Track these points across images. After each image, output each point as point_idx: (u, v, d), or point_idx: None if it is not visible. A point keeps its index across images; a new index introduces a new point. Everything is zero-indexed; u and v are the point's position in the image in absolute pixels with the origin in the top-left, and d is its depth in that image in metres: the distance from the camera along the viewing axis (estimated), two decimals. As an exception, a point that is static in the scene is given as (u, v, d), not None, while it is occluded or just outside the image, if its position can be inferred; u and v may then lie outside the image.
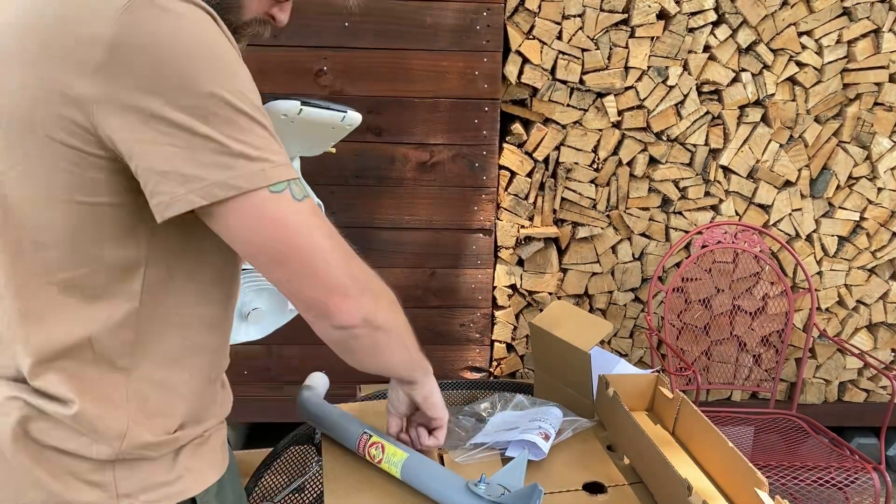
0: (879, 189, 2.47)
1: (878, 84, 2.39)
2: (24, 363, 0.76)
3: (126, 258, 0.75)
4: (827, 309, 2.60)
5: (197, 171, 0.67)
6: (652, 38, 2.29)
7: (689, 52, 2.32)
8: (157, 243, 0.75)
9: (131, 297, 0.76)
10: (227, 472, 0.90)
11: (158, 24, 0.66)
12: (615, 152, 2.41)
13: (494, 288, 2.49)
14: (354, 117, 1.13)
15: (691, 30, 2.30)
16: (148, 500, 0.79)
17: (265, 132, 0.71)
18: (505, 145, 2.37)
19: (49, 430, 0.76)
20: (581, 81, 2.32)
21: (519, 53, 2.28)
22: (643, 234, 2.51)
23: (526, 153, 2.39)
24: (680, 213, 2.49)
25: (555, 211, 2.45)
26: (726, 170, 2.46)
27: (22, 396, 0.76)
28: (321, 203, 1.23)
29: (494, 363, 2.58)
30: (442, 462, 1.16)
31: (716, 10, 2.28)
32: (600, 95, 2.34)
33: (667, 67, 2.32)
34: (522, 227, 2.44)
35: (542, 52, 2.28)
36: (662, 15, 2.29)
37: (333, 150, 1.25)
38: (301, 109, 1.03)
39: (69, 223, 0.72)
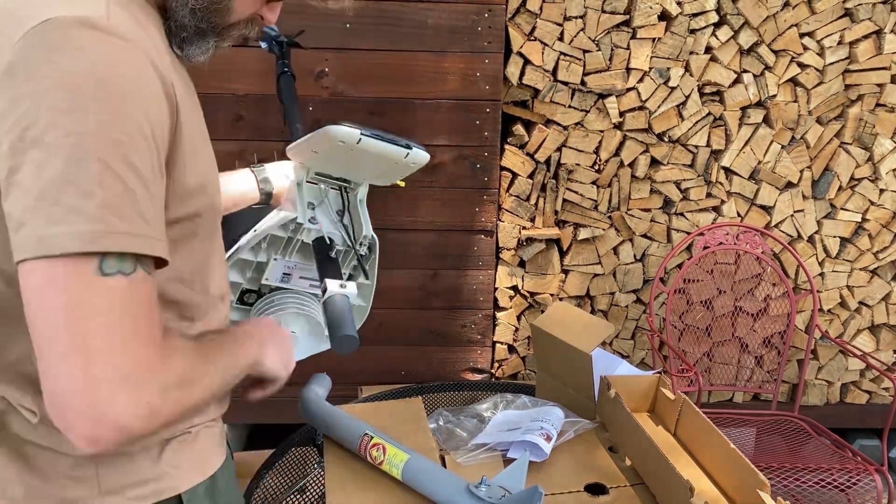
0: (881, 190, 2.47)
1: (879, 85, 2.39)
2: None
3: None
4: (829, 310, 2.60)
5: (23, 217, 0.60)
6: (653, 39, 2.29)
7: (691, 53, 2.32)
8: None
9: None
10: (221, 471, 0.89)
11: (47, 54, 0.61)
12: (617, 153, 2.41)
13: (496, 289, 2.49)
14: (419, 156, 1.05)
15: (693, 31, 2.30)
16: (134, 497, 0.79)
17: (118, 190, 0.61)
18: (506, 147, 2.37)
19: (29, 427, 0.76)
20: (582, 83, 2.32)
21: (520, 55, 2.28)
22: (645, 236, 2.50)
23: (527, 154, 2.39)
24: (682, 214, 2.49)
25: (556, 212, 2.44)
26: (728, 171, 2.46)
27: (0, 393, 0.76)
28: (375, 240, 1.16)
29: (496, 364, 2.58)
30: (444, 463, 1.16)
31: (717, 11, 2.28)
32: (602, 97, 2.34)
33: (668, 69, 2.32)
34: (524, 228, 2.44)
35: (543, 53, 2.28)
36: (664, 16, 2.29)
37: (402, 184, 1.15)
38: (360, 139, 0.96)
39: None
